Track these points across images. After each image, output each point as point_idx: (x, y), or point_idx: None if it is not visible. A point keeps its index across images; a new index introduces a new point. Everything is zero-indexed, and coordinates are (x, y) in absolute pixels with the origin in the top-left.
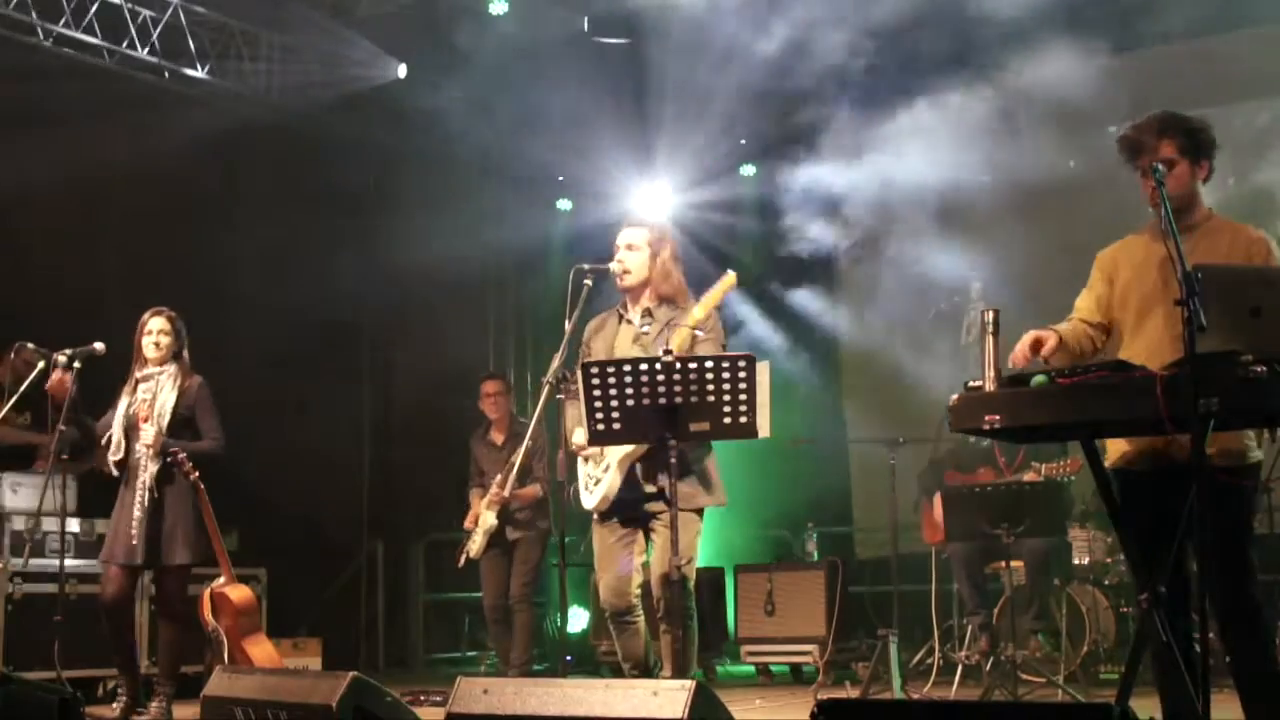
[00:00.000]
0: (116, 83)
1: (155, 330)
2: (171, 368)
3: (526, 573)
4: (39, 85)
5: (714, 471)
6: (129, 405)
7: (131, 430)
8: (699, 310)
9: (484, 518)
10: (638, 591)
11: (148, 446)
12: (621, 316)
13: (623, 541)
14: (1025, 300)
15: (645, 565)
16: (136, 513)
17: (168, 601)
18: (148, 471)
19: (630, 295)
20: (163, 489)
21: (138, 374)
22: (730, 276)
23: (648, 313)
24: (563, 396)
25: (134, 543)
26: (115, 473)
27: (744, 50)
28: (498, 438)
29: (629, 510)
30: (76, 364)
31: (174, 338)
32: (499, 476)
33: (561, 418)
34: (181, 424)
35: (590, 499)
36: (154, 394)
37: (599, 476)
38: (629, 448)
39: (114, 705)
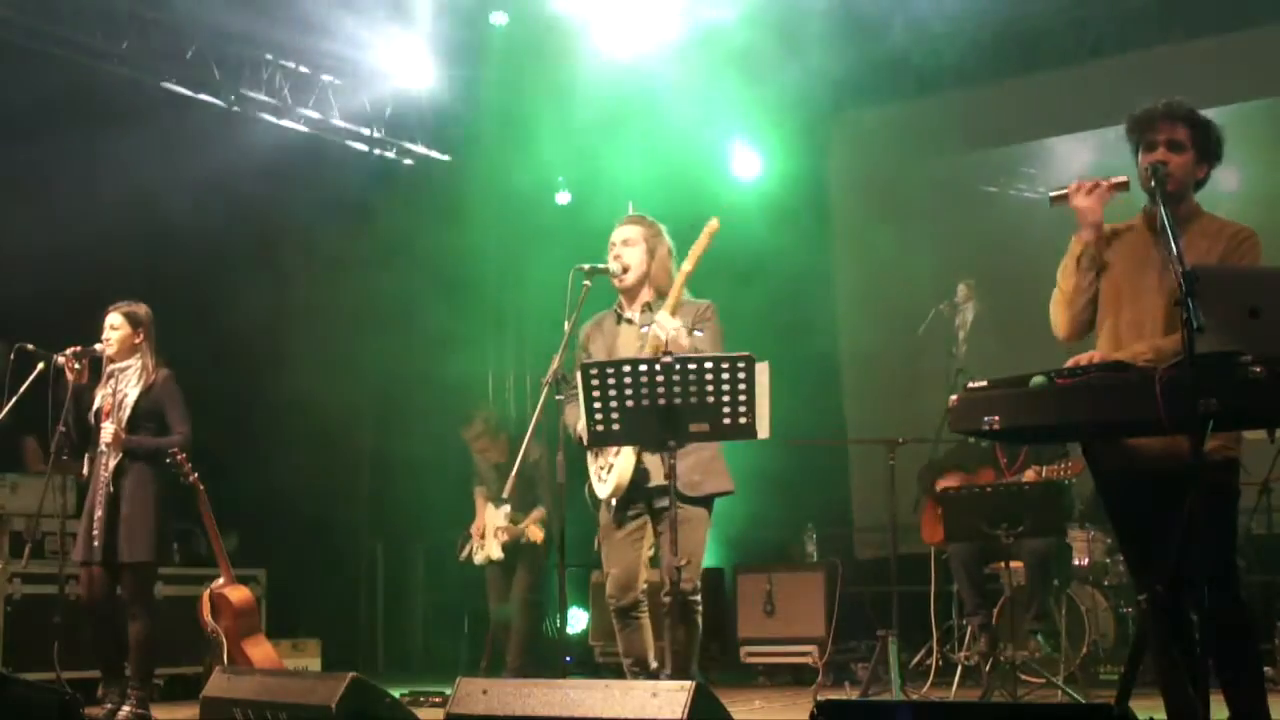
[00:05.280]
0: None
1: (107, 326)
2: (136, 361)
3: (527, 577)
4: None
5: (723, 459)
6: (99, 400)
7: (98, 425)
8: (687, 263)
9: (491, 547)
10: (644, 586)
11: (107, 444)
12: (620, 316)
13: (631, 535)
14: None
15: (653, 562)
16: (98, 511)
17: (129, 600)
18: (107, 468)
19: (628, 294)
20: (121, 484)
21: (108, 369)
22: (713, 222)
23: (647, 308)
24: (561, 398)
25: (95, 543)
26: (85, 472)
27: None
28: (497, 458)
29: (640, 499)
30: (78, 365)
31: (130, 330)
32: (501, 516)
33: (561, 418)
34: (145, 417)
35: (604, 487)
36: (116, 388)
37: (611, 463)
38: None
39: (99, 708)
